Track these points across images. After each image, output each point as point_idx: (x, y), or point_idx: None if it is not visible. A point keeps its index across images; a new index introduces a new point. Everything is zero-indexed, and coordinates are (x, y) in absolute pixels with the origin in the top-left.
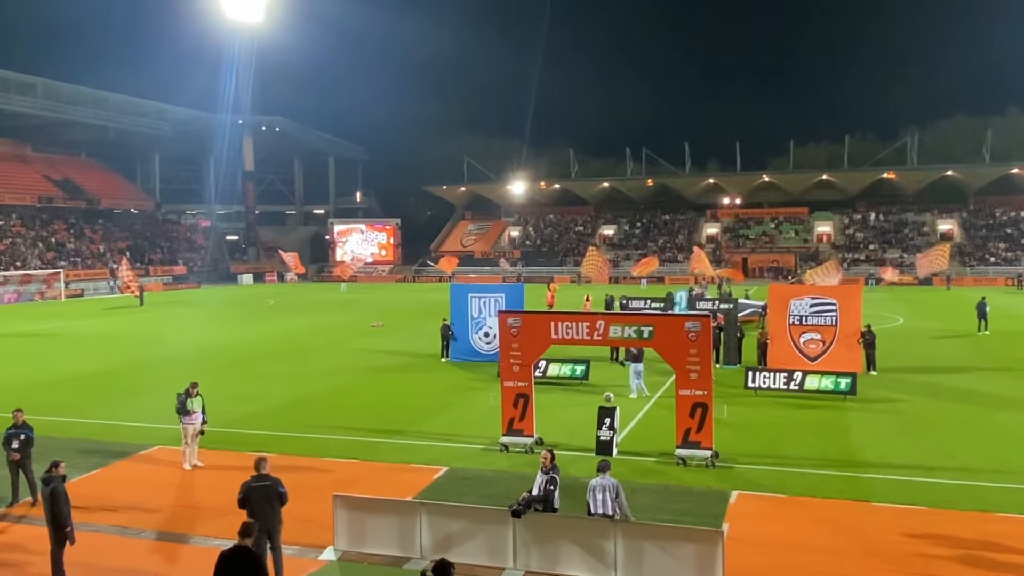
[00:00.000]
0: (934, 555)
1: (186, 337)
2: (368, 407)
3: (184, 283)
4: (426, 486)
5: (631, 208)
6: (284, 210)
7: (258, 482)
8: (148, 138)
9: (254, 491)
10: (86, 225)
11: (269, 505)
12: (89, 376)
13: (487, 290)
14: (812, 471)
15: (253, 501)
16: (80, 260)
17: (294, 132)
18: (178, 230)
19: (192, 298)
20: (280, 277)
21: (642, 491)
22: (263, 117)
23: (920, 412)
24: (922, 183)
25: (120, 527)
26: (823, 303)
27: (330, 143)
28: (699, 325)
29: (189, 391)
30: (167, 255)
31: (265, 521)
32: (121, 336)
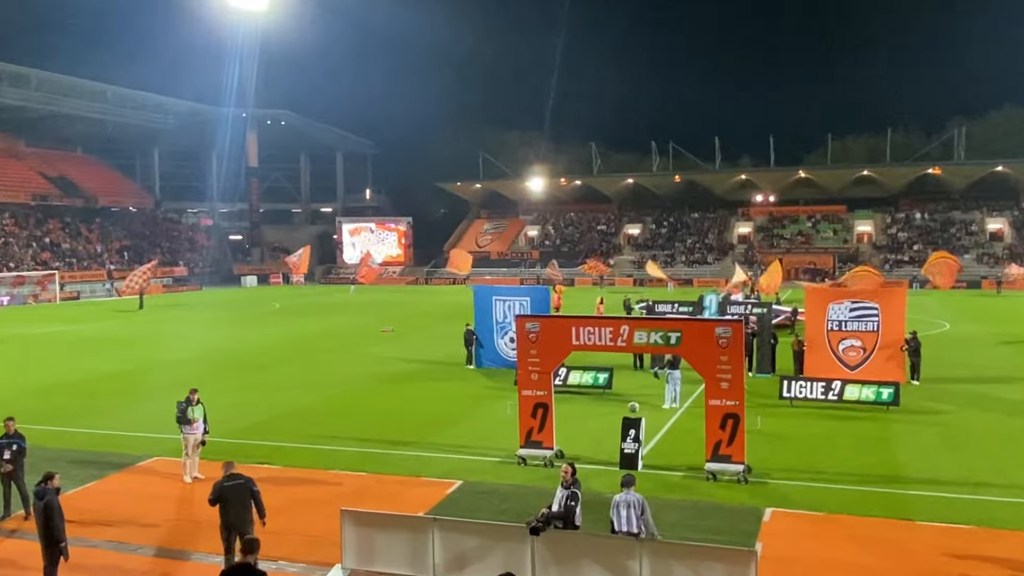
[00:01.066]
0: None
1: (187, 342)
2: (378, 416)
3: (185, 285)
4: (439, 501)
5: (657, 206)
6: (290, 208)
7: (231, 481)
8: (148, 133)
9: (228, 490)
10: (82, 224)
11: (242, 504)
12: (85, 382)
13: (512, 293)
14: (851, 487)
15: (227, 500)
16: (76, 261)
17: (300, 126)
18: (179, 229)
19: (193, 301)
20: (286, 279)
21: (669, 508)
22: (268, 110)
23: (967, 424)
24: (970, 179)
25: (117, 542)
26: (864, 307)
27: (338, 137)
28: (730, 330)
29: (190, 399)
30: (167, 256)
31: (239, 521)
32: (119, 340)
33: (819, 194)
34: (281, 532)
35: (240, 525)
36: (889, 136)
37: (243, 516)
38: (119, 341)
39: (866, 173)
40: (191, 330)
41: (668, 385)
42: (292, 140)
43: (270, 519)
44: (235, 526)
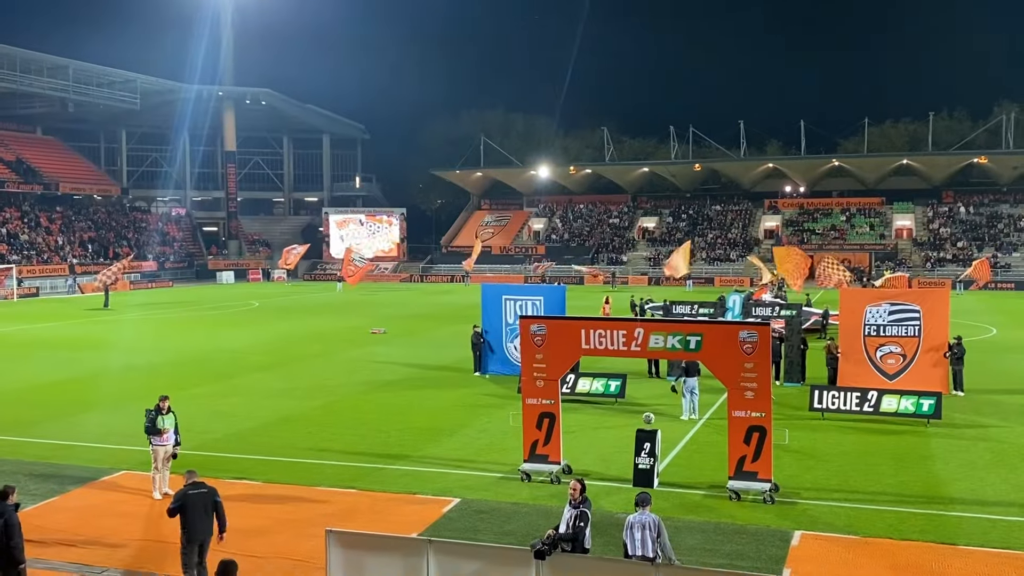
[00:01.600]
0: None
1: (157, 344)
2: (368, 427)
3: (155, 281)
4: (435, 520)
5: (675, 196)
6: (271, 197)
7: (194, 489)
8: (114, 113)
9: (191, 498)
10: (42, 213)
11: (207, 514)
12: (44, 388)
13: (524, 292)
14: (888, 508)
15: (190, 509)
16: (35, 254)
17: (283, 106)
18: (148, 220)
19: (164, 298)
20: (266, 275)
21: (688, 529)
22: (246, 88)
23: (1016, 440)
24: (1019, 169)
25: (80, 564)
26: (904, 310)
27: (325, 119)
28: (756, 335)
29: (160, 407)
30: (135, 249)
31: (201, 531)
32: (82, 342)
33: (854, 185)
34: (262, 555)
35: (203, 538)
36: (931, 122)
37: (207, 528)
38: (82, 342)
39: (906, 162)
40: (162, 331)
41: (685, 395)
42: (274, 122)
43: (250, 539)
44: (197, 539)
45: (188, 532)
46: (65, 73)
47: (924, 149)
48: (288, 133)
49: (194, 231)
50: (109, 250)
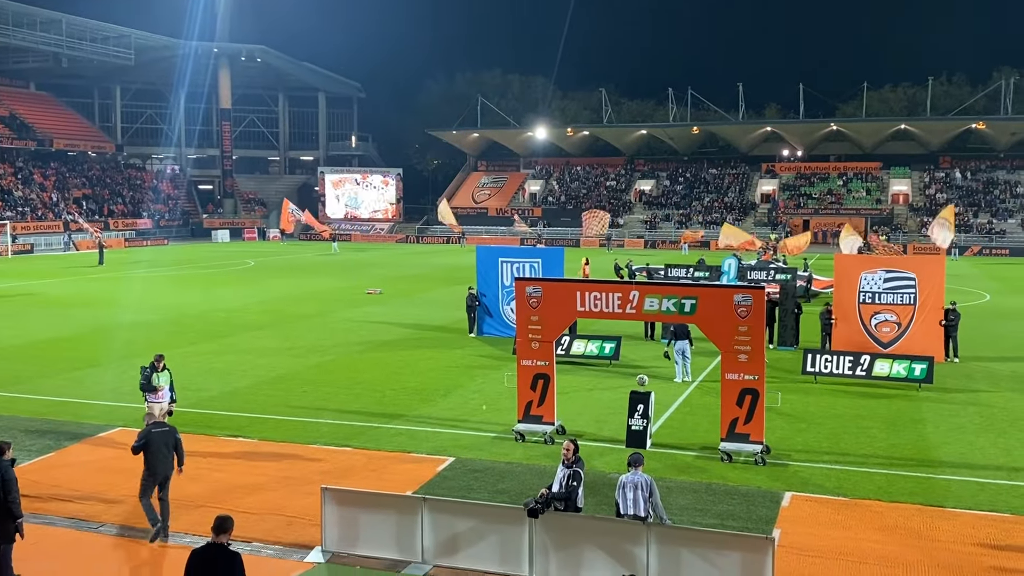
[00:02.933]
0: (1018, 569)
1: (152, 302)
2: (364, 387)
3: (150, 239)
4: (429, 479)
5: (673, 159)
6: (266, 156)
7: (157, 428)
8: (108, 68)
9: (154, 436)
10: (36, 169)
11: (168, 450)
12: (39, 344)
13: (520, 254)
14: (878, 471)
15: (153, 446)
16: (30, 210)
17: (278, 63)
18: (143, 177)
19: (159, 256)
20: (261, 234)
21: (680, 490)
22: (242, 45)
23: (1007, 404)
24: (1017, 136)
25: (76, 519)
26: (900, 277)
27: (321, 77)
28: (751, 298)
29: (155, 364)
30: (130, 206)
31: (163, 467)
32: (77, 299)
33: (852, 149)
34: (257, 511)
35: (165, 473)
36: (930, 87)
37: (168, 465)
38: (78, 300)
39: (904, 127)
40: (157, 289)
41: (676, 358)
42: (269, 80)
43: (246, 496)
44: (159, 474)
45: (150, 467)
46: (58, 27)
47: (922, 114)
48: (284, 91)
49: (189, 189)
50: (103, 207)
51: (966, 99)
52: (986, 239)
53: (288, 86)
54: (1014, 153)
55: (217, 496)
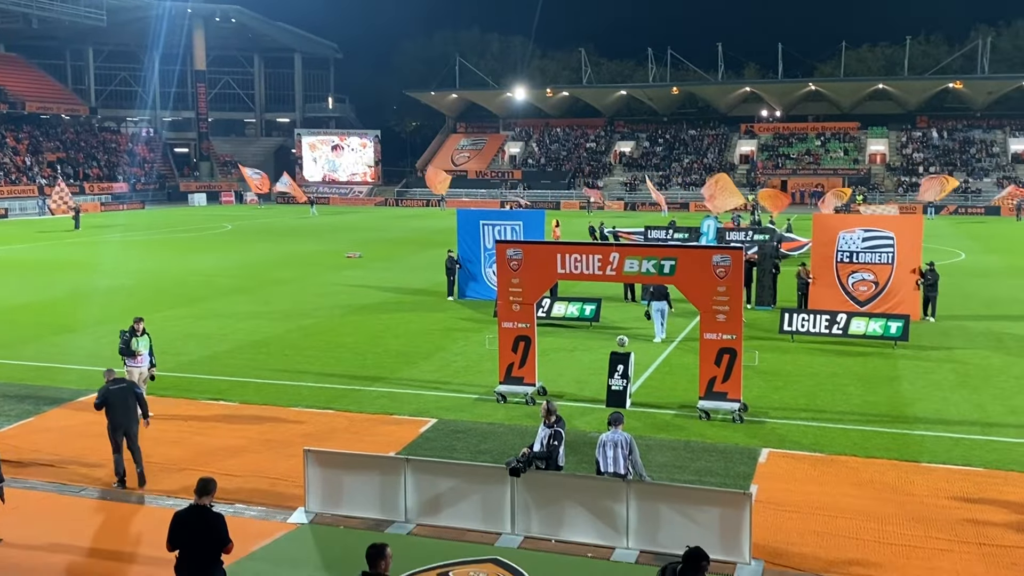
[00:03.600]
0: (989, 521)
1: (129, 266)
2: (345, 350)
3: (126, 203)
4: (412, 440)
5: (652, 120)
6: (242, 118)
7: (115, 385)
8: (80, 30)
9: (113, 393)
10: (8, 133)
11: (128, 405)
12: (16, 310)
13: (501, 217)
14: (854, 427)
15: (113, 402)
16: (3, 175)
17: (253, 24)
18: (118, 140)
19: (135, 221)
20: (239, 198)
21: (659, 448)
22: (216, 5)
23: (980, 362)
24: (993, 95)
25: (58, 484)
26: (878, 236)
27: (296, 38)
28: (729, 259)
29: (134, 328)
30: (105, 170)
31: (125, 421)
32: (54, 264)
33: (830, 109)
34: (239, 474)
35: (127, 426)
36: (908, 46)
37: (130, 418)
38: (54, 265)
39: (882, 87)
40: (134, 253)
41: (655, 317)
42: (244, 41)
43: (228, 459)
44: (121, 427)
45: (112, 422)
46: None
47: (900, 74)
48: (259, 52)
49: (165, 152)
50: (78, 171)
51: (943, 58)
52: (962, 198)
53: (264, 47)
54: (990, 112)
55: (199, 459)
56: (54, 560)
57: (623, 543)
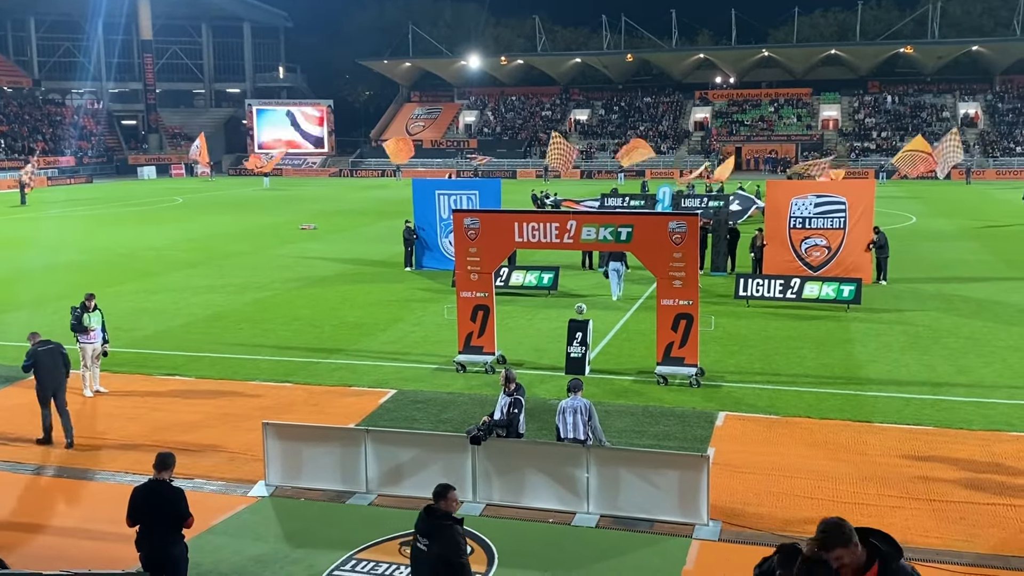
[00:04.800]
0: (940, 478)
1: (79, 242)
2: (302, 323)
3: (73, 177)
4: (371, 411)
5: (607, 88)
6: (191, 89)
7: (43, 346)
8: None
9: (41, 355)
10: None
11: (56, 365)
12: None
13: (457, 186)
14: (809, 389)
15: (42, 364)
16: None
17: None
18: (63, 113)
19: (84, 195)
20: (189, 170)
21: (618, 413)
22: None
23: (931, 323)
24: (943, 59)
25: (12, 462)
26: (830, 202)
27: (244, 6)
28: (685, 225)
29: (86, 304)
30: (50, 143)
31: (52, 381)
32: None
33: (783, 76)
34: (198, 449)
35: (56, 385)
36: (860, 11)
37: (59, 377)
38: (1, 241)
39: (834, 52)
40: (83, 228)
41: (612, 277)
42: (191, 9)
43: (186, 433)
44: (51, 387)
45: (41, 382)
46: None
47: (852, 39)
48: (207, 21)
49: (112, 124)
50: (23, 145)
51: (894, 23)
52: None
53: (211, 16)
54: (941, 77)
55: (156, 434)
56: (10, 538)
57: (584, 508)
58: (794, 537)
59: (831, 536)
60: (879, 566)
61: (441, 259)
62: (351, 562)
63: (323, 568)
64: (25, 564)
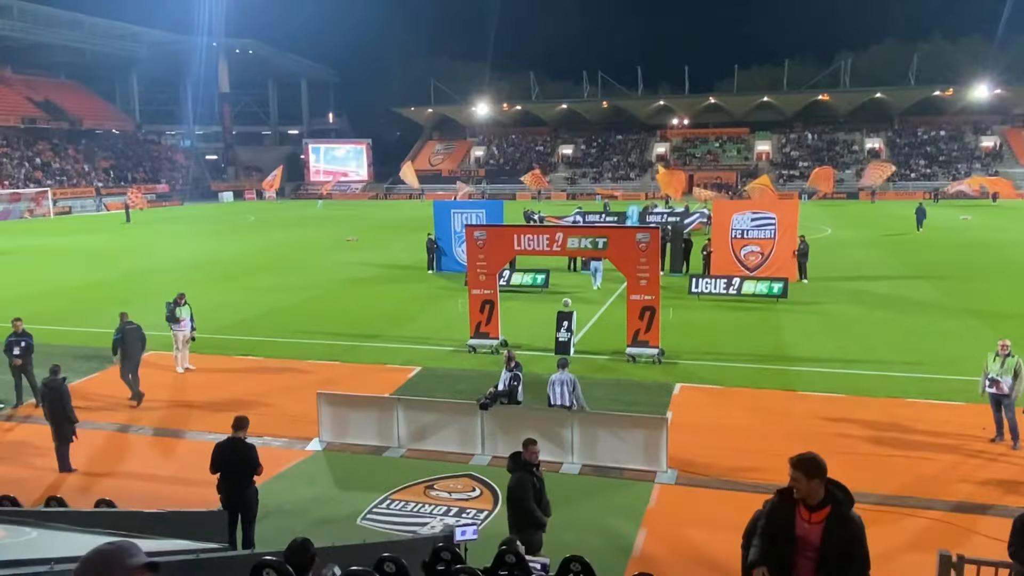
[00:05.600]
0: (851, 435)
1: (172, 252)
2: (346, 315)
3: (167, 201)
4: (402, 384)
5: (587, 129)
6: (260, 130)
7: (130, 325)
8: (124, 60)
9: (128, 332)
10: (70, 145)
11: (139, 343)
12: (81, 288)
13: (469, 206)
14: (747, 365)
15: (128, 341)
16: (66, 179)
17: (267, 55)
18: (159, 150)
19: (176, 215)
20: (259, 195)
21: (596, 385)
22: (236, 40)
23: (844, 313)
24: (853, 104)
25: (120, 424)
26: (763, 217)
27: (302, 66)
28: (648, 236)
29: (177, 301)
30: (149, 174)
31: (136, 355)
32: (110, 251)
33: (726, 118)
34: (265, 413)
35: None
36: (787, 67)
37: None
38: (110, 252)
39: (766, 99)
40: (175, 242)
41: (592, 273)
42: (260, 68)
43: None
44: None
45: (127, 354)
46: (81, 27)
47: (780, 88)
48: (272, 77)
49: (198, 159)
50: (127, 175)
51: (814, 76)
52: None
53: (276, 73)
54: (852, 118)
55: (234, 402)
56: (119, 484)
57: (569, 459)
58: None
59: (802, 461)
60: (831, 508)
61: (456, 264)
62: (386, 501)
63: (364, 506)
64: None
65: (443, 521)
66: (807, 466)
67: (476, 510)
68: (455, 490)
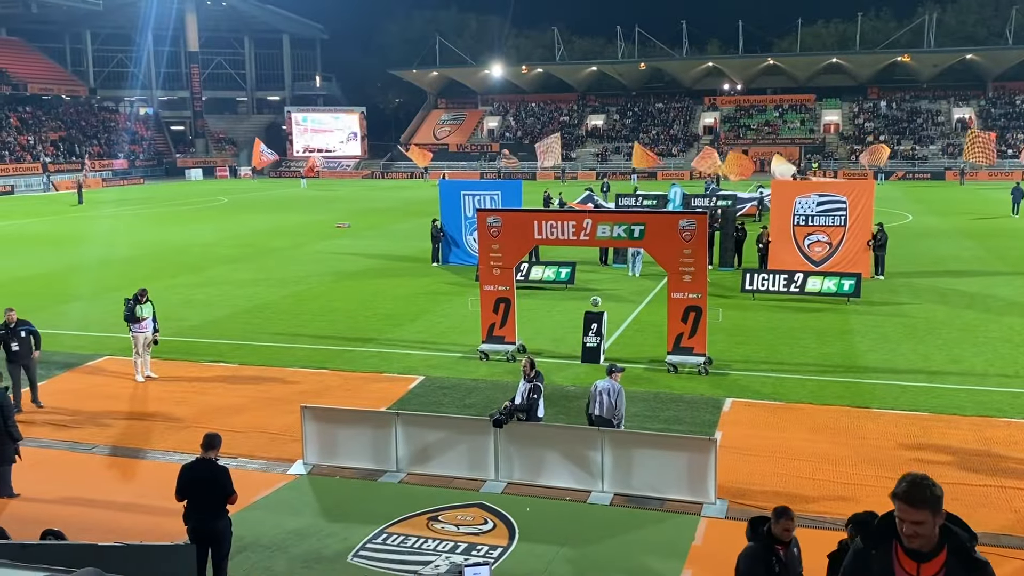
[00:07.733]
0: (934, 461)
1: (132, 238)
2: (337, 314)
3: (126, 179)
4: (401, 396)
5: (622, 95)
6: (235, 97)
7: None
8: (76, 13)
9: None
10: (12, 113)
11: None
12: (25, 280)
13: (481, 187)
14: (810, 377)
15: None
16: (7, 153)
17: (243, 7)
18: (116, 119)
19: (136, 195)
20: (233, 172)
21: (631, 399)
22: None
23: (926, 315)
24: (938, 67)
25: (71, 442)
26: (831, 201)
27: (284, 20)
28: (694, 223)
29: (138, 297)
30: (105, 147)
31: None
32: (59, 237)
33: (787, 82)
34: (241, 430)
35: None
36: (860, 22)
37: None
38: (60, 238)
39: (835, 60)
40: (135, 226)
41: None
42: (235, 23)
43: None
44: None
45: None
46: None
47: (852, 48)
48: (249, 33)
49: (162, 130)
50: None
51: (892, 33)
52: (909, 164)
53: (253, 29)
54: (936, 84)
55: (203, 417)
56: (69, 512)
57: (599, 487)
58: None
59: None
60: (948, 553)
61: (465, 255)
62: (382, 536)
63: (356, 541)
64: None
65: (449, 560)
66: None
67: (488, 547)
68: (463, 523)
